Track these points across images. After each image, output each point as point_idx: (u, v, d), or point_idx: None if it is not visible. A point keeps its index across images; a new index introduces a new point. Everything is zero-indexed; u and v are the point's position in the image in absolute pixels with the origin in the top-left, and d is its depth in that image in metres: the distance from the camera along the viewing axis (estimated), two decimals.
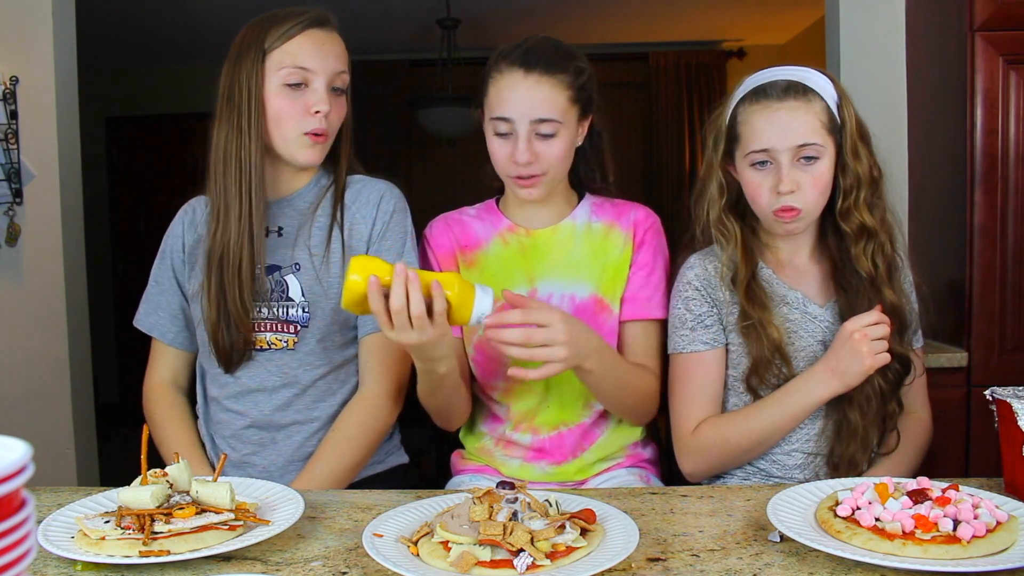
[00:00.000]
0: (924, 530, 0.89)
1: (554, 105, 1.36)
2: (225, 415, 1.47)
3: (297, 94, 1.37)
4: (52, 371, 2.50)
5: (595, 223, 1.50)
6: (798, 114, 1.31)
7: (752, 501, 1.12)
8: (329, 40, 1.40)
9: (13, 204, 2.45)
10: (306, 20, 1.38)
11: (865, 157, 1.34)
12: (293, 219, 1.45)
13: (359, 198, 1.46)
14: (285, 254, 1.43)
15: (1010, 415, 1.07)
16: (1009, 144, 2.15)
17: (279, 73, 1.36)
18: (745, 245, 1.39)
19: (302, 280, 1.42)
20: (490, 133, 1.41)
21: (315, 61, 1.37)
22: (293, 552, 0.97)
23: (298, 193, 1.47)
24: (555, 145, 1.38)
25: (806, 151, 1.31)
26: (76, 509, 1.05)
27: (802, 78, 1.34)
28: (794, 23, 5.12)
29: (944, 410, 2.12)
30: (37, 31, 2.46)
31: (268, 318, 1.42)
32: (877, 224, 1.35)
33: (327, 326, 1.42)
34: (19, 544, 0.52)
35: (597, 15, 4.91)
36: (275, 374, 1.43)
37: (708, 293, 1.41)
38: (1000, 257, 2.17)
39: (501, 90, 1.37)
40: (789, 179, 1.31)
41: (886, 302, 1.34)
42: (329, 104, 1.38)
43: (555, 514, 0.94)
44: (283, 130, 1.38)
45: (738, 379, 1.40)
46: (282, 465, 1.44)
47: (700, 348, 1.40)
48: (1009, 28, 2.13)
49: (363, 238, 1.44)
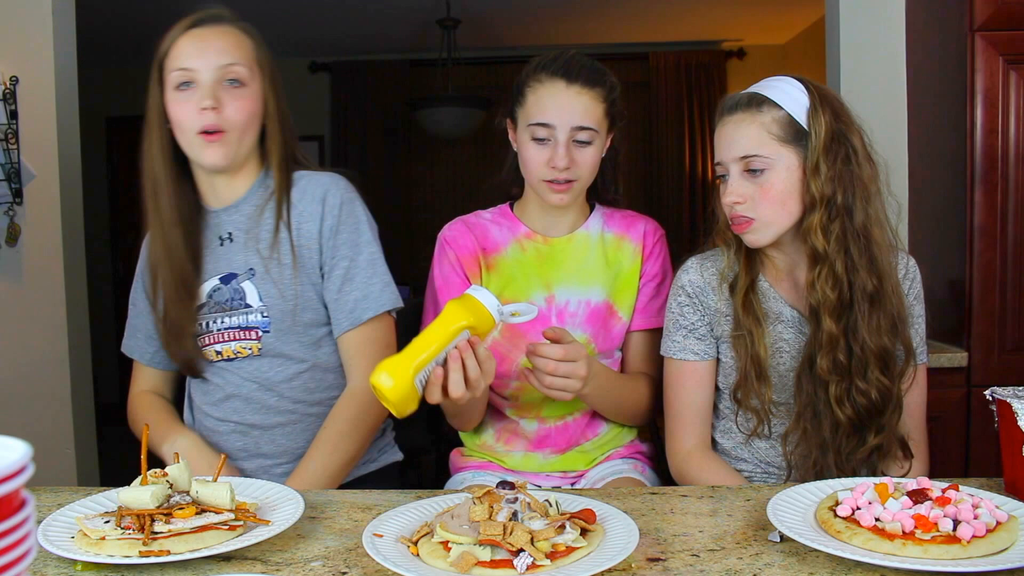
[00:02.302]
0: (924, 530, 0.89)
1: (592, 115, 1.43)
2: (208, 421, 1.47)
3: (186, 95, 1.36)
4: (52, 371, 2.50)
5: (608, 234, 1.55)
6: (742, 126, 1.31)
7: (752, 501, 1.12)
8: (213, 35, 1.37)
9: (13, 204, 2.45)
10: (188, 21, 1.38)
11: (825, 173, 1.26)
12: (241, 224, 1.44)
13: (304, 195, 1.43)
14: (239, 260, 1.43)
15: (1010, 415, 1.07)
16: (1009, 144, 2.15)
17: (170, 79, 1.36)
18: (747, 254, 1.39)
19: (258, 285, 1.41)
20: (526, 139, 1.44)
21: (196, 59, 1.35)
22: (293, 552, 0.97)
23: (243, 197, 1.45)
24: (589, 153, 1.44)
25: (751, 163, 1.29)
26: (76, 509, 1.05)
27: (762, 88, 1.33)
28: (794, 23, 5.12)
29: (944, 410, 2.12)
30: (37, 31, 2.45)
31: (230, 327, 1.42)
32: (830, 247, 1.26)
33: (288, 328, 1.41)
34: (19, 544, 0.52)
35: (597, 15, 4.91)
36: (248, 379, 1.43)
37: (700, 300, 1.41)
38: (1000, 257, 2.17)
39: (542, 98, 1.43)
40: (732, 190, 1.31)
41: (823, 334, 1.27)
42: (216, 99, 1.34)
43: (555, 514, 0.94)
44: (182, 134, 1.38)
45: (728, 388, 1.41)
46: (268, 467, 1.45)
47: (691, 358, 1.41)
48: (1009, 28, 2.13)
49: (313, 235, 1.42)
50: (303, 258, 1.41)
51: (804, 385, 1.32)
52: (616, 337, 1.53)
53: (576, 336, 1.48)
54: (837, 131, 1.29)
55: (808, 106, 1.29)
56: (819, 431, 1.31)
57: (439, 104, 4.77)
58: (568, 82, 1.42)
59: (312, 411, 1.45)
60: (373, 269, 1.43)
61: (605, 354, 1.53)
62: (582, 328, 1.50)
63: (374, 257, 1.44)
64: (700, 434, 1.42)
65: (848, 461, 1.30)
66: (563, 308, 1.51)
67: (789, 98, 1.30)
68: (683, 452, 1.42)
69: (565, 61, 1.44)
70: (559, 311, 1.51)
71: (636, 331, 1.55)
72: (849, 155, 1.28)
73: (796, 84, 1.32)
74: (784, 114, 1.29)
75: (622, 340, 1.55)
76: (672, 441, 1.44)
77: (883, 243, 1.30)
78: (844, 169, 1.27)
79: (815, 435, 1.31)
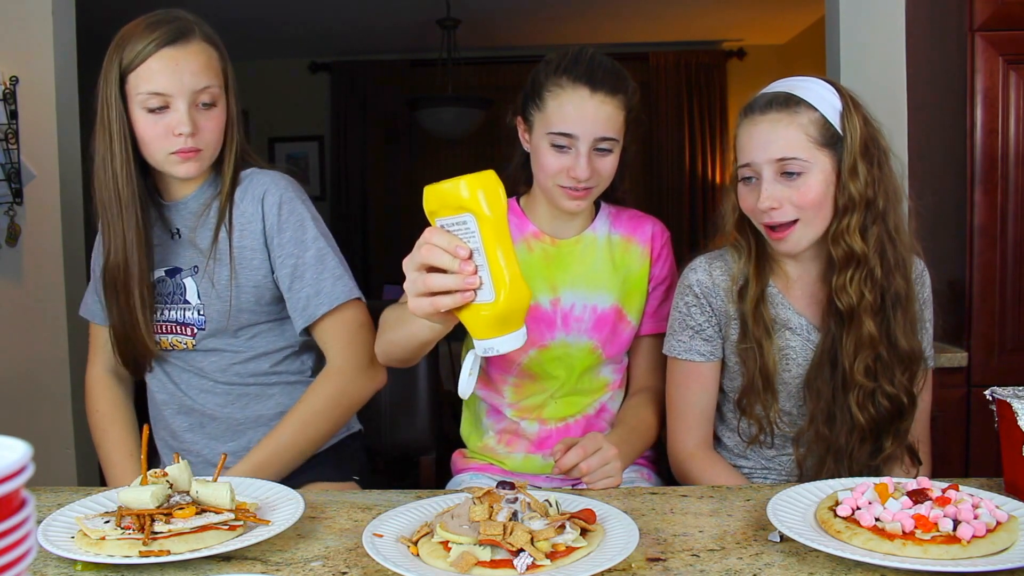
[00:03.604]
0: (924, 530, 0.89)
1: (615, 124, 1.39)
2: (159, 396, 1.50)
3: (159, 117, 1.34)
4: (52, 371, 2.50)
5: (615, 235, 1.53)
6: (779, 127, 1.26)
7: (752, 501, 1.12)
8: (186, 57, 1.34)
9: (13, 204, 2.45)
10: (159, 39, 1.32)
11: (865, 176, 1.26)
12: (189, 221, 1.44)
13: (246, 195, 1.42)
14: (185, 256, 1.44)
15: (1010, 415, 1.07)
16: (1009, 144, 2.15)
17: (138, 98, 1.33)
18: (758, 260, 1.36)
19: (199, 283, 1.42)
20: (543, 145, 1.40)
21: (171, 84, 1.32)
22: (293, 552, 0.97)
23: (192, 195, 1.45)
24: (610, 161, 1.41)
25: (787, 166, 1.25)
26: (76, 509, 1.05)
27: (794, 88, 1.29)
28: (794, 23, 5.12)
29: (944, 410, 2.12)
30: (37, 31, 2.45)
31: (168, 320, 1.44)
32: (869, 250, 1.27)
33: (223, 328, 1.43)
34: (19, 544, 0.52)
35: (597, 15, 4.91)
36: (184, 369, 1.46)
37: (708, 301, 1.39)
38: (1000, 257, 2.17)
39: (564, 105, 1.37)
40: (768, 194, 1.26)
41: (864, 335, 1.26)
42: (193, 124, 1.34)
43: (555, 514, 0.94)
44: (151, 151, 1.37)
45: (733, 390, 1.41)
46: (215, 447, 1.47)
47: (696, 359, 1.40)
48: (1009, 28, 2.13)
49: (258, 236, 1.42)
50: (246, 260, 1.41)
51: (820, 389, 1.31)
52: (624, 342, 1.52)
53: (582, 342, 1.48)
54: (869, 134, 1.28)
55: (841, 108, 1.28)
56: (835, 436, 1.30)
57: (439, 104, 4.76)
58: (592, 90, 1.36)
59: (250, 391, 1.47)
60: (322, 264, 1.42)
61: (613, 360, 1.52)
62: (588, 334, 1.48)
63: (322, 253, 1.42)
64: (702, 434, 1.42)
65: (862, 470, 1.30)
66: (568, 312, 1.48)
67: (823, 100, 1.27)
68: (685, 452, 1.41)
69: (588, 65, 1.38)
70: (564, 315, 1.48)
71: (645, 336, 1.54)
72: (881, 158, 1.28)
73: (827, 86, 1.30)
74: (819, 116, 1.26)
75: (630, 345, 1.54)
76: (674, 441, 1.43)
77: (908, 245, 1.31)
78: (879, 172, 1.28)
79: (831, 440, 1.30)
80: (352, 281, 1.45)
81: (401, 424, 1.78)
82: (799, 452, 1.36)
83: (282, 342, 1.49)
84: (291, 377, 1.50)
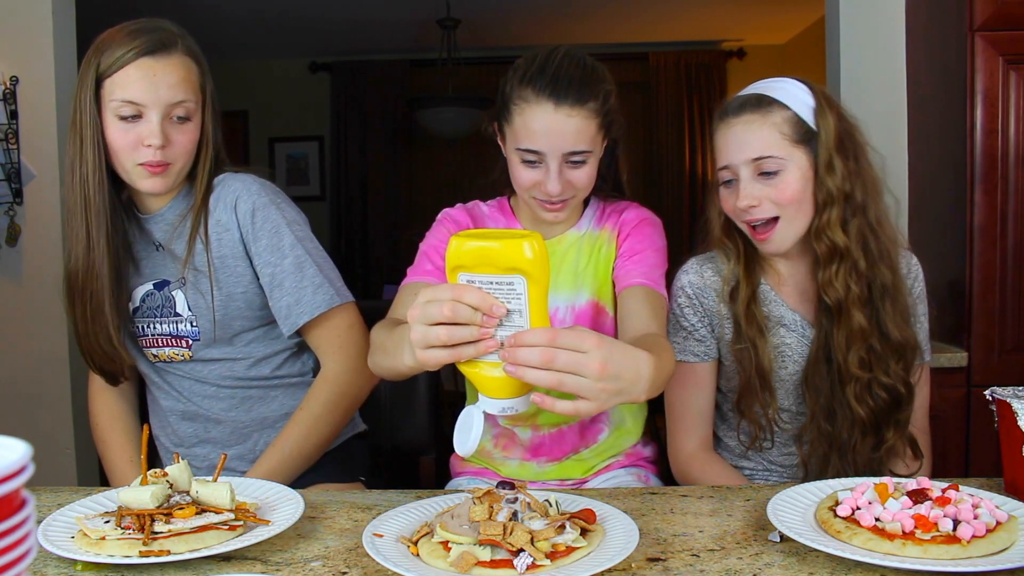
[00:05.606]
0: (924, 530, 0.89)
1: (585, 136, 1.30)
2: (165, 402, 1.50)
3: (130, 126, 1.32)
4: (52, 371, 2.51)
5: (595, 231, 1.47)
6: (752, 127, 1.28)
7: (752, 501, 1.12)
8: (165, 69, 1.32)
9: (13, 204, 2.45)
10: (138, 48, 1.31)
11: (841, 170, 1.27)
12: (168, 233, 1.43)
13: (219, 203, 1.41)
14: (171, 269, 1.43)
15: (1010, 415, 1.07)
16: (1009, 144, 2.15)
17: (111, 104, 1.32)
18: (748, 262, 1.37)
19: (188, 295, 1.41)
20: (515, 159, 1.34)
21: (146, 94, 1.31)
22: (293, 552, 0.97)
23: (168, 206, 1.44)
24: (585, 171, 1.34)
25: (764, 165, 1.27)
26: (76, 509, 1.05)
27: (766, 89, 1.31)
28: (794, 23, 5.12)
29: (944, 410, 2.12)
30: (37, 31, 2.46)
31: (162, 334, 1.44)
32: (851, 243, 1.28)
33: (217, 337, 1.42)
34: (19, 544, 0.52)
35: (597, 15, 4.91)
36: (184, 376, 1.46)
37: (700, 302, 1.39)
38: (1000, 257, 2.17)
39: (528, 122, 1.29)
40: (746, 193, 1.28)
41: (854, 327, 1.27)
42: (164, 137, 1.32)
43: (555, 514, 0.94)
44: (119, 160, 1.35)
45: (731, 390, 1.41)
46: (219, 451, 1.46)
47: (691, 359, 1.40)
48: (1009, 28, 2.13)
49: (236, 242, 1.40)
50: (228, 268, 1.40)
51: (818, 386, 1.32)
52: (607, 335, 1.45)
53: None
54: (844, 129, 1.30)
55: (814, 106, 1.30)
56: (837, 432, 1.30)
57: (439, 104, 4.76)
58: (556, 103, 1.27)
59: (252, 394, 1.47)
60: (301, 272, 1.40)
61: None
62: None
63: (300, 261, 1.40)
64: (702, 435, 1.42)
65: (866, 463, 1.30)
66: (552, 316, 1.42)
67: (795, 99, 1.30)
68: (685, 454, 1.41)
69: (553, 76, 1.29)
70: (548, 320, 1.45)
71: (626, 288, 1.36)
72: (858, 152, 1.30)
73: (798, 84, 1.32)
74: (792, 114, 1.29)
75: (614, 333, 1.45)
76: (674, 442, 1.43)
77: (892, 237, 1.33)
78: (856, 166, 1.29)
79: (833, 436, 1.31)
80: (332, 288, 1.42)
81: (401, 424, 1.78)
82: (803, 451, 1.36)
83: (279, 345, 1.48)
84: (292, 379, 1.50)
